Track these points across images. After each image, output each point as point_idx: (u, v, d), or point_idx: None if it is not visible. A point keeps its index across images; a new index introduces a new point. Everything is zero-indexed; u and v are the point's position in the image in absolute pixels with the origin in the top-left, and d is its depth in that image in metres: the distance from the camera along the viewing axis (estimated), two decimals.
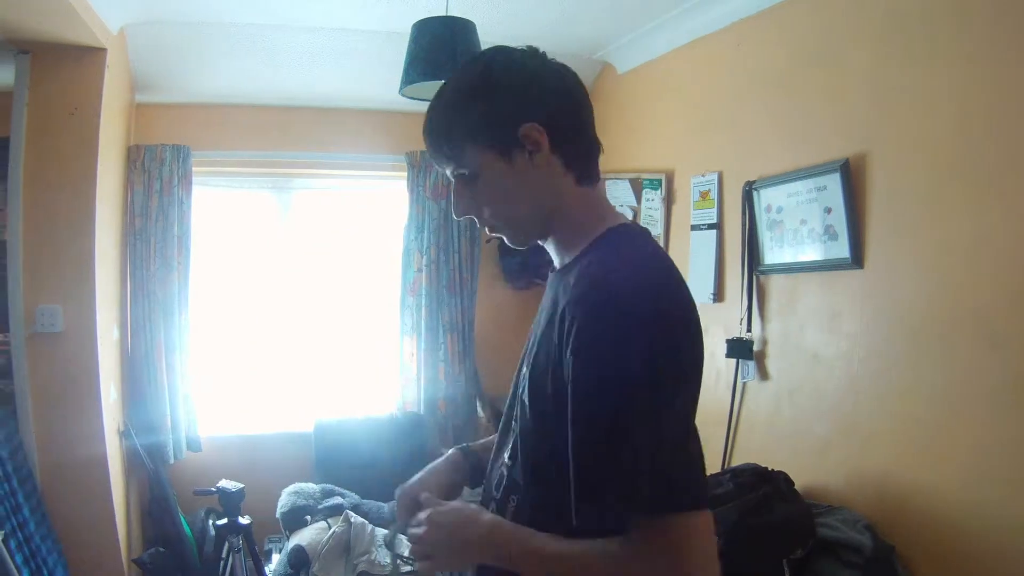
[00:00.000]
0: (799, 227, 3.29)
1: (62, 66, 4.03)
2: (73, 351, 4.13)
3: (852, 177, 2.99)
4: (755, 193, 3.53)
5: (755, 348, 3.60)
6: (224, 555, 4.16)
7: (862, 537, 2.73)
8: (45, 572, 3.83)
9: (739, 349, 3.66)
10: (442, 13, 3.19)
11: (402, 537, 1.72)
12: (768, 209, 3.47)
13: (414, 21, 3.15)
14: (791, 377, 3.39)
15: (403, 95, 3.23)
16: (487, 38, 3.22)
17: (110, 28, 4.05)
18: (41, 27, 3.71)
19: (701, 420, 3.60)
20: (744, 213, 3.62)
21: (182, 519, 4.73)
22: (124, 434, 4.64)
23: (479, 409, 5.54)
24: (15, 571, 3.60)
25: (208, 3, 4.08)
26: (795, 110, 3.36)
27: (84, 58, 4.04)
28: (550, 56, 1.54)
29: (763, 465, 3.18)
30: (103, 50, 4.05)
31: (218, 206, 5.42)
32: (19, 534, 3.72)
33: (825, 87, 3.19)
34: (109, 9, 3.92)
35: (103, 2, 3.79)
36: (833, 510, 2.97)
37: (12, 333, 4.05)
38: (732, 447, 3.76)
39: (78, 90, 4.06)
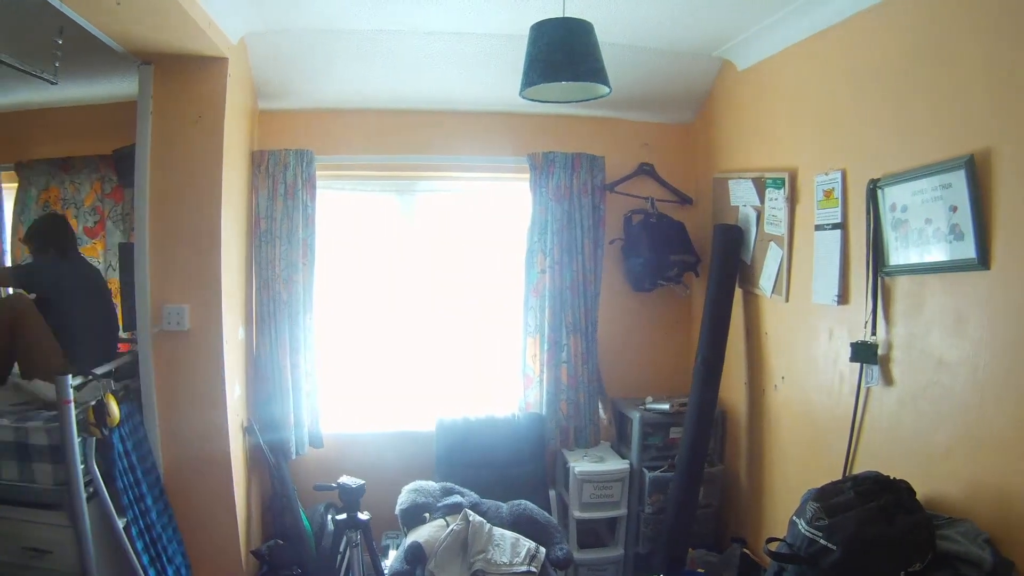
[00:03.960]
0: (924, 226, 3.14)
1: (185, 76, 4.22)
2: (199, 349, 4.34)
3: (978, 174, 2.84)
4: (879, 191, 3.40)
5: (879, 352, 3.47)
6: (342, 549, 4.26)
7: (982, 552, 2.60)
8: (165, 559, 4.00)
9: (864, 353, 3.53)
10: (559, 14, 3.16)
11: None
12: (893, 208, 3.33)
13: (531, 23, 3.14)
14: (915, 382, 3.25)
15: (523, 97, 3.23)
16: (605, 38, 3.21)
17: (230, 38, 4.21)
18: (163, 39, 3.89)
19: (822, 425, 3.44)
20: (868, 212, 3.48)
21: (302, 513, 4.87)
22: (247, 430, 4.82)
23: (601, 411, 5.51)
24: (135, 557, 3.77)
25: (326, 11, 4.20)
26: (918, 105, 3.22)
27: (206, 68, 4.22)
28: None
29: (885, 473, 3.07)
30: (224, 59, 4.22)
31: (342, 209, 5.56)
32: (141, 522, 3.91)
33: (947, 80, 3.04)
34: (229, 20, 4.07)
35: (223, 13, 3.94)
36: (953, 522, 2.84)
37: (139, 331, 4.24)
38: (855, 454, 3.63)
39: (201, 98, 4.25)
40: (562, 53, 3.04)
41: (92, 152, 5.33)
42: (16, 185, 5.54)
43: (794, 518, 3.07)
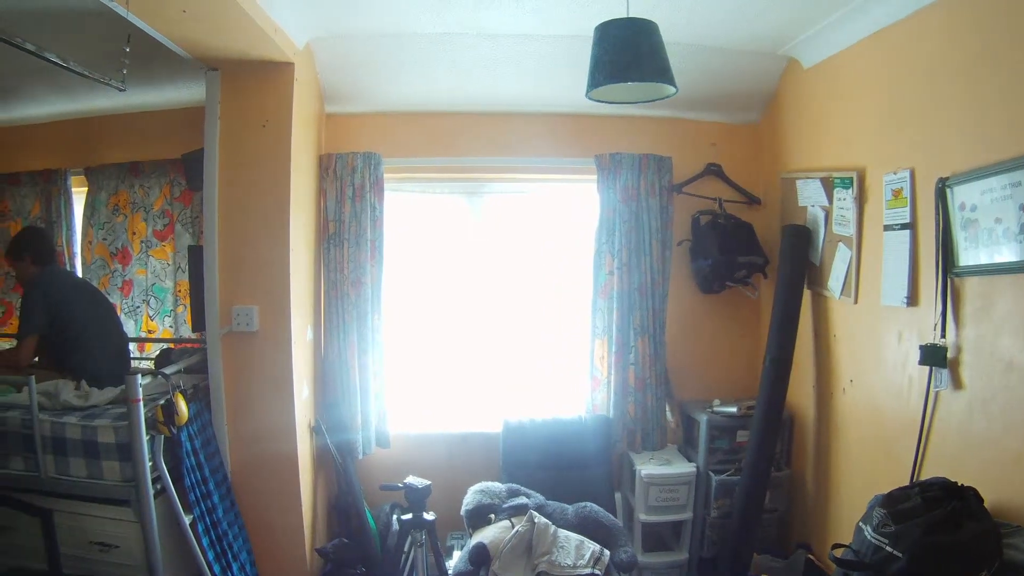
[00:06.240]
0: (994, 226, 3.06)
1: (251, 81, 4.31)
2: (268, 349, 4.42)
3: None
4: (948, 190, 3.32)
5: (949, 355, 3.38)
6: (406, 549, 4.29)
7: None
8: (230, 556, 4.08)
9: (933, 356, 3.44)
10: (623, 15, 3.14)
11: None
12: (962, 207, 3.25)
13: (596, 24, 3.13)
14: (984, 386, 3.16)
15: (590, 98, 3.22)
16: (669, 37, 3.18)
17: (296, 43, 4.28)
18: (229, 46, 3.97)
19: (890, 430, 3.34)
20: (937, 212, 3.40)
21: (367, 512, 4.91)
22: (315, 430, 4.88)
23: (668, 414, 5.47)
24: (200, 553, 3.85)
25: (390, 15, 4.24)
26: (987, 101, 3.14)
27: (272, 73, 4.30)
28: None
29: (953, 479, 3.00)
30: (291, 64, 4.29)
31: (410, 210, 5.61)
32: (207, 519, 3.99)
33: (1017, 76, 2.96)
34: (295, 26, 4.14)
35: (289, 19, 4.01)
36: (1021, 530, 2.76)
37: (208, 332, 4.33)
38: (922, 459, 3.55)
39: (268, 103, 4.34)
40: (627, 53, 3.02)
41: (161, 156, 5.49)
42: (86, 189, 5.72)
43: (860, 524, 3.04)
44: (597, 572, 4.08)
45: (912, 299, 3.70)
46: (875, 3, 3.81)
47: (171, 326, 5.58)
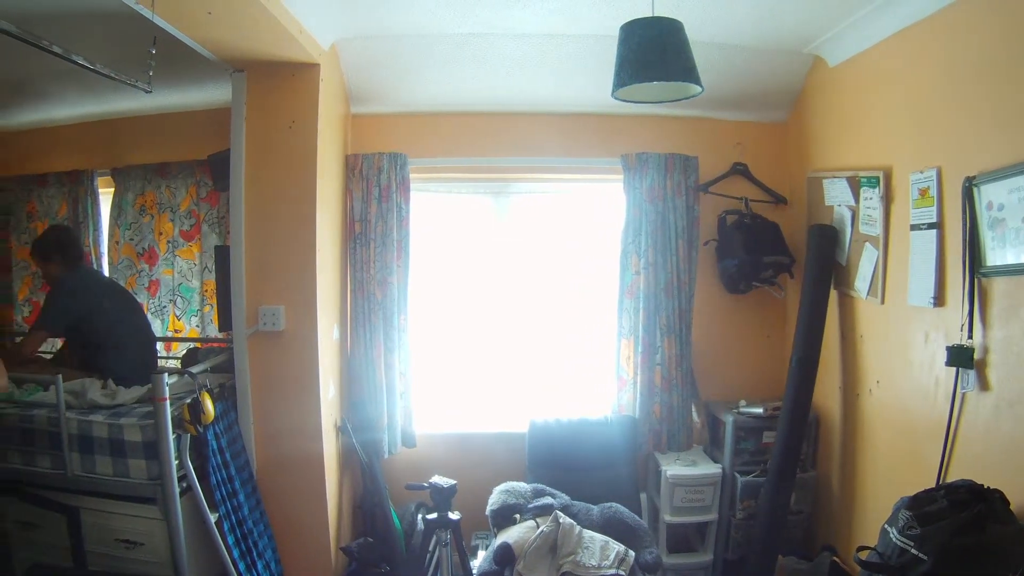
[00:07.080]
0: (1021, 226, 3.02)
1: (277, 82, 4.35)
2: (294, 349, 4.45)
3: None
4: (975, 190, 3.28)
5: (976, 356, 3.35)
6: (431, 548, 4.30)
7: None
8: (255, 554, 4.12)
9: (960, 357, 3.41)
10: (648, 14, 3.13)
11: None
12: (989, 207, 3.21)
13: (621, 23, 3.12)
14: (1011, 388, 3.12)
15: (616, 98, 3.21)
16: (695, 36, 3.18)
17: (322, 45, 4.31)
18: (255, 47, 4.00)
19: (916, 432, 3.31)
20: (964, 211, 3.36)
21: (392, 511, 4.92)
22: (341, 429, 4.90)
23: (694, 415, 5.44)
24: (225, 551, 3.87)
25: (416, 17, 4.26)
26: (1014, 99, 3.10)
27: (298, 74, 4.34)
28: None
29: (979, 481, 2.96)
30: (316, 65, 4.33)
31: (436, 211, 5.63)
32: (233, 517, 4.02)
33: None
34: (321, 27, 4.17)
35: (314, 20, 4.03)
36: None
37: (235, 331, 4.36)
38: (949, 461, 3.51)
39: (294, 104, 4.37)
40: (653, 53, 3.01)
41: (187, 157, 5.54)
42: (113, 190, 5.78)
43: (886, 526, 3.02)
44: (622, 573, 4.08)
45: (939, 299, 3.66)
46: (900, 1, 3.78)
47: (198, 325, 5.63)
